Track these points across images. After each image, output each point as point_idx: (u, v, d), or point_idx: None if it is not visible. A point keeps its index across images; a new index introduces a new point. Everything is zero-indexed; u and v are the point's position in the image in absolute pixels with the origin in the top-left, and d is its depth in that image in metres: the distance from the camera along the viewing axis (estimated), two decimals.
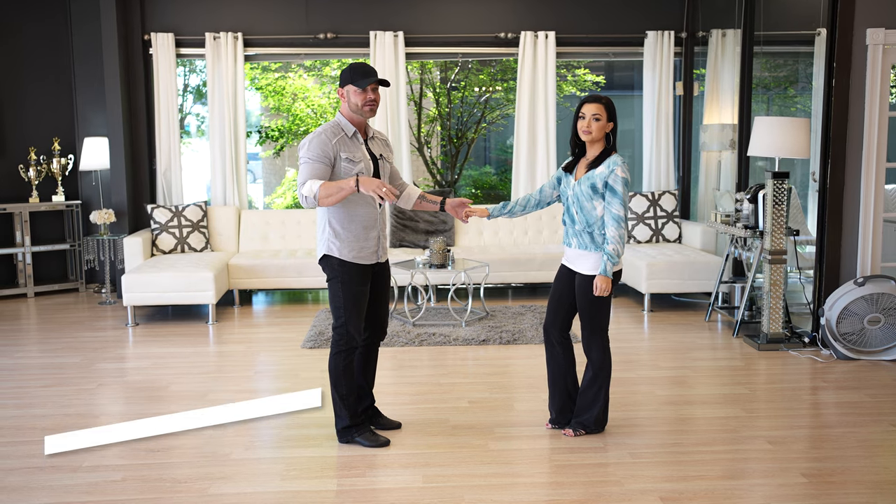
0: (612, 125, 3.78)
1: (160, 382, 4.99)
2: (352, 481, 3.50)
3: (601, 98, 3.79)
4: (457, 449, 3.86)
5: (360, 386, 3.98)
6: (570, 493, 3.37)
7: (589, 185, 3.74)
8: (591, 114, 3.75)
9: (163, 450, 3.87)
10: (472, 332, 5.94)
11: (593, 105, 3.75)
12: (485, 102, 9.71)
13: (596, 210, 3.73)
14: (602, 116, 3.74)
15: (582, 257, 3.83)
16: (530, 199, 4.03)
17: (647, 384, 4.93)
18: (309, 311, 6.98)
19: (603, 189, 3.71)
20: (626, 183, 3.71)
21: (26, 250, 7.55)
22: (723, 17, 7.58)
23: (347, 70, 3.72)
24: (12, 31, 7.62)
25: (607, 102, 3.77)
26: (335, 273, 3.76)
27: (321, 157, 3.61)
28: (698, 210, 7.95)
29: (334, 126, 3.71)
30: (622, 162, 3.75)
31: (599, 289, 3.74)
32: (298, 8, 7.59)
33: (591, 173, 3.75)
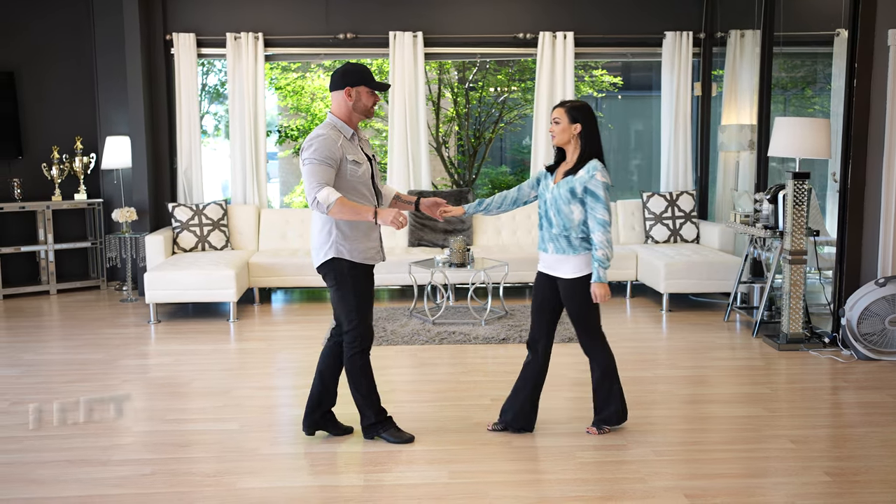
0: (578, 128, 3.76)
1: (183, 379, 5.05)
2: (378, 476, 3.54)
3: (564, 102, 3.83)
4: (480, 446, 3.90)
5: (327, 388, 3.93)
6: (595, 490, 3.40)
7: (567, 190, 3.73)
8: (552, 118, 3.80)
9: (190, 444, 3.93)
10: (492, 331, 5.97)
11: (554, 110, 3.80)
12: (502, 102, 9.74)
13: (573, 214, 3.73)
14: (561, 120, 3.76)
15: (561, 262, 3.82)
16: (507, 197, 4.02)
17: (667, 383, 4.94)
18: (327, 310, 7.02)
19: (582, 194, 3.70)
20: (606, 187, 3.70)
21: (49, 248, 7.63)
22: (742, 18, 7.57)
23: (355, 71, 3.65)
24: (35, 32, 7.71)
25: (570, 106, 3.78)
26: (344, 276, 3.70)
27: (328, 159, 3.55)
28: (716, 210, 7.95)
29: (334, 128, 3.65)
30: (602, 167, 3.73)
31: (598, 297, 3.76)
32: (318, 8, 7.65)
33: (570, 178, 3.75)
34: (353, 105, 3.65)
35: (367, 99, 3.67)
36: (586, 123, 3.76)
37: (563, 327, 6.09)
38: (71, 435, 4.03)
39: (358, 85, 3.64)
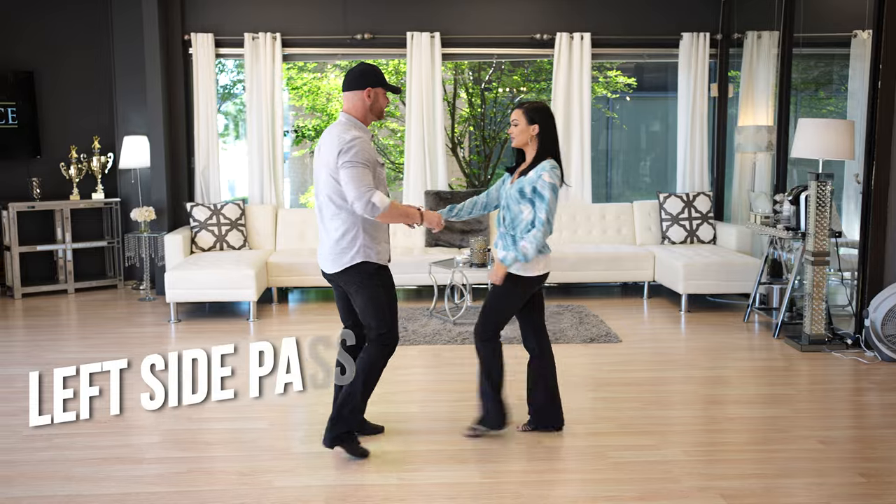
0: (536, 129, 3.77)
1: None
2: (411, 476, 3.56)
3: (522, 103, 3.86)
4: (511, 445, 3.91)
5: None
6: (629, 490, 3.41)
7: (517, 190, 3.76)
8: (511, 120, 3.84)
9: (221, 443, 3.94)
10: (512, 332, 5.95)
11: (513, 111, 3.85)
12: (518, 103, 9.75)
13: (522, 214, 3.75)
14: (519, 122, 3.79)
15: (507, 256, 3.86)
16: (477, 202, 4.02)
17: (692, 383, 4.95)
18: None
19: (531, 194, 3.72)
20: (553, 188, 3.69)
21: (67, 247, 7.65)
22: (759, 19, 7.58)
23: (373, 72, 3.63)
24: (54, 32, 7.73)
25: (528, 108, 3.80)
26: (372, 279, 3.64)
27: (368, 162, 3.50)
28: (732, 211, 7.96)
29: (361, 129, 3.58)
30: (550, 167, 3.72)
31: (493, 274, 3.78)
32: (336, 9, 7.66)
33: (522, 178, 3.78)
34: (370, 106, 3.61)
35: (382, 100, 3.66)
36: (544, 124, 3.78)
37: (584, 328, 6.10)
38: (100, 433, 4.04)
39: (377, 86, 3.62)
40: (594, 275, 7.22)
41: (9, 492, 3.42)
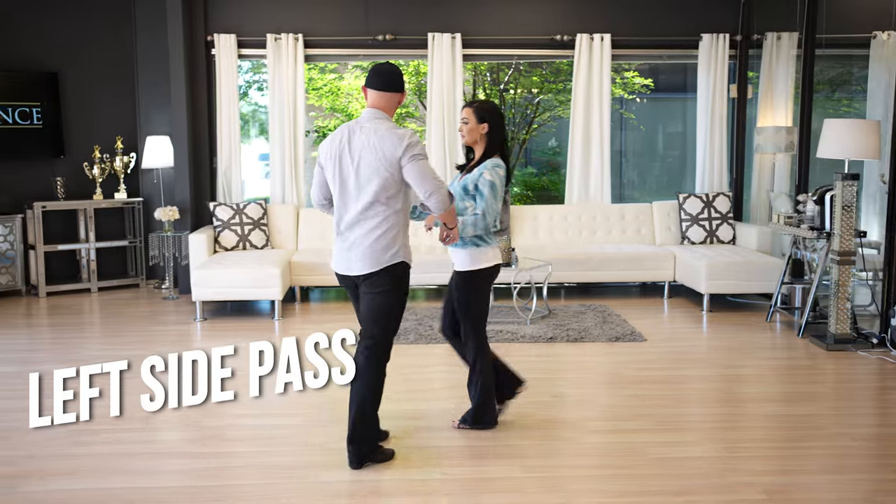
0: (485, 127, 3.85)
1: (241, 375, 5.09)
2: (455, 471, 3.59)
3: (473, 102, 3.93)
4: (549, 441, 3.95)
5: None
6: (673, 485, 3.44)
7: (462, 186, 3.86)
8: (461, 118, 3.90)
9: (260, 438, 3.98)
10: (538, 330, 6.02)
11: (463, 109, 3.91)
12: (536, 104, 9.79)
13: (467, 210, 3.84)
14: (470, 120, 3.87)
15: (454, 254, 3.92)
16: None
17: (722, 381, 5.00)
18: None
19: (473, 191, 3.82)
20: (492, 186, 3.77)
21: (91, 246, 7.70)
22: (779, 20, 7.62)
23: (402, 76, 3.62)
24: (78, 33, 7.78)
25: (478, 107, 3.87)
26: (402, 280, 3.58)
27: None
28: (751, 212, 7.99)
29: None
30: (493, 166, 3.82)
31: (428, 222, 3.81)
32: (358, 10, 7.71)
33: (468, 175, 3.88)
34: (393, 109, 3.60)
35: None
36: (493, 123, 3.87)
37: (608, 327, 6.14)
38: (149, 428, 4.09)
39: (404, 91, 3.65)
40: (615, 275, 7.26)
41: (74, 484, 3.47)
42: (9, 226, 7.44)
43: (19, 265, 7.51)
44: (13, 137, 7.50)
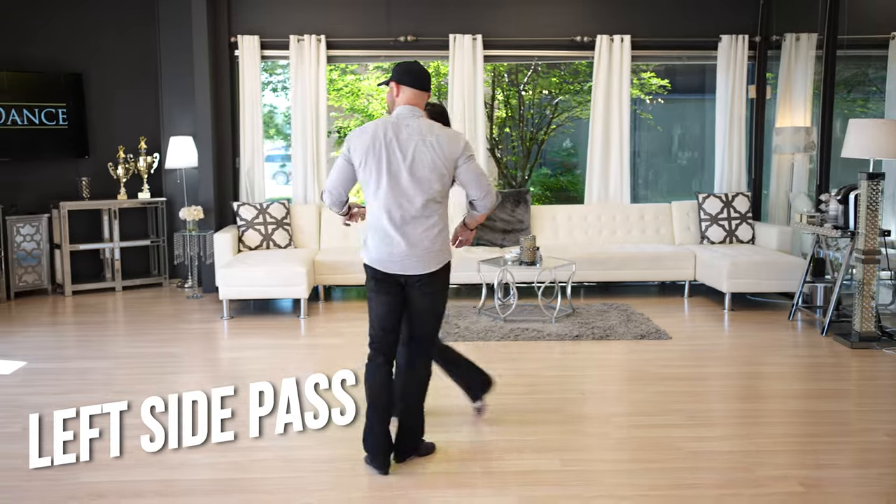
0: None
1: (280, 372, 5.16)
2: (496, 464, 3.65)
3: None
4: (582, 436, 4.01)
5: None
6: (708, 478, 3.50)
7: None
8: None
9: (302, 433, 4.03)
10: (563, 328, 6.07)
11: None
12: (555, 105, 9.84)
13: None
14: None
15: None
16: None
17: (749, 378, 5.05)
18: None
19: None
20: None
21: (115, 245, 7.78)
22: (798, 21, 7.67)
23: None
24: (102, 34, 7.87)
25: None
26: (448, 280, 3.63)
27: None
28: (769, 212, 8.03)
29: None
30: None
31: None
32: (380, 11, 7.78)
33: None
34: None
35: None
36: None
37: (632, 325, 6.19)
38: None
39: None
40: (636, 274, 7.31)
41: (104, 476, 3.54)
42: (35, 225, 7.52)
43: (45, 264, 7.60)
44: (39, 138, 7.59)
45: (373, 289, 3.56)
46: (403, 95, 3.51)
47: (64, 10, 7.74)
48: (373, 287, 3.56)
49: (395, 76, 3.52)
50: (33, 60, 7.63)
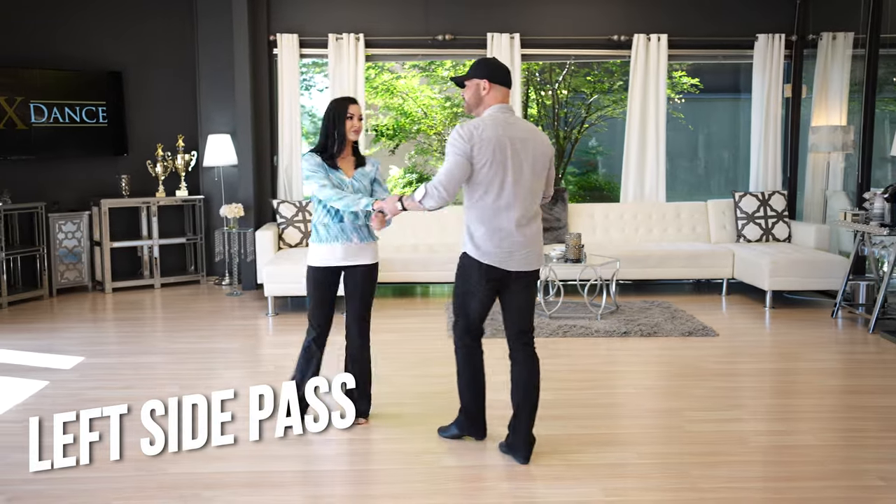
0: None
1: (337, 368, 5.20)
2: (574, 456, 3.68)
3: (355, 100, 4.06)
4: (653, 430, 4.04)
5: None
6: (785, 471, 3.54)
7: (369, 181, 4.00)
8: (358, 114, 3.97)
9: (397, 425, 4.07)
10: (610, 325, 6.11)
11: (354, 106, 3.97)
12: (588, 105, 9.89)
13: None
14: (362, 116, 4.04)
15: (364, 250, 3.98)
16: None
17: (805, 374, 5.09)
18: (435, 304, 7.19)
19: (374, 184, 4.04)
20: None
21: (154, 243, 7.82)
22: (835, 20, 7.70)
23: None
24: (141, 33, 7.90)
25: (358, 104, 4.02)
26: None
27: None
28: (804, 210, 8.06)
29: None
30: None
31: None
32: (418, 9, 7.82)
33: (364, 170, 4.01)
34: None
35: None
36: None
37: (678, 322, 6.22)
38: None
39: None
40: (674, 272, 7.35)
41: (173, 468, 3.57)
42: (76, 223, 7.57)
43: (86, 261, 7.64)
44: (80, 136, 7.63)
45: (476, 283, 3.55)
46: (496, 93, 3.51)
47: (104, 9, 7.79)
48: (476, 281, 3.54)
49: (485, 73, 3.50)
50: (74, 59, 7.67)
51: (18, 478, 3.42)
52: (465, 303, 3.63)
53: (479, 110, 3.55)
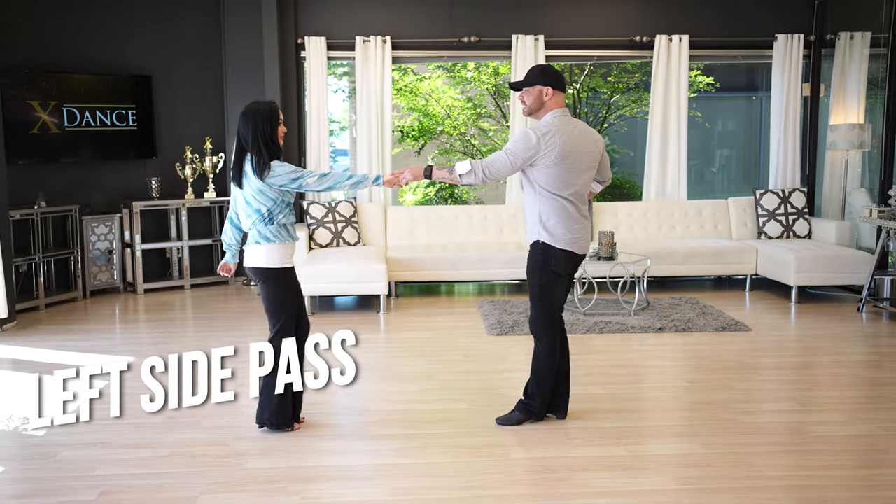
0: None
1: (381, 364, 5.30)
2: (638, 448, 3.80)
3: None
4: (711, 421, 4.15)
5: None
6: (845, 460, 3.67)
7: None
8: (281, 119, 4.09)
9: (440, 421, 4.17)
10: (644, 321, 6.23)
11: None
12: (608, 105, 10.01)
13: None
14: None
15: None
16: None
17: (845, 367, 5.21)
18: (465, 302, 7.30)
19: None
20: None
21: (184, 244, 7.89)
22: (853, 20, 7.85)
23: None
24: (170, 36, 7.96)
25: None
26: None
27: None
28: (823, 207, 8.21)
29: None
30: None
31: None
32: (443, 12, 7.92)
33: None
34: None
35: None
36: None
37: (709, 318, 6.34)
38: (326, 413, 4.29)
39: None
40: (698, 268, 7.47)
41: (265, 463, 3.67)
42: (108, 225, 7.63)
43: (118, 263, 7.70)
44: (110, 139, 7.70)
45: (559, 271, 3.91)
46: (557, 98, 3.91)
47: (133, 13, 7.84)
48: (560, 270, 3.91)
49: (548, 80, 3.87)
50: (106, 63, 7.73)
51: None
52: (545, 295, 3.94)
53: (540, 114, 3.91)
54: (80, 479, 3.52)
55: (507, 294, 7.59)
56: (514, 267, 7.22)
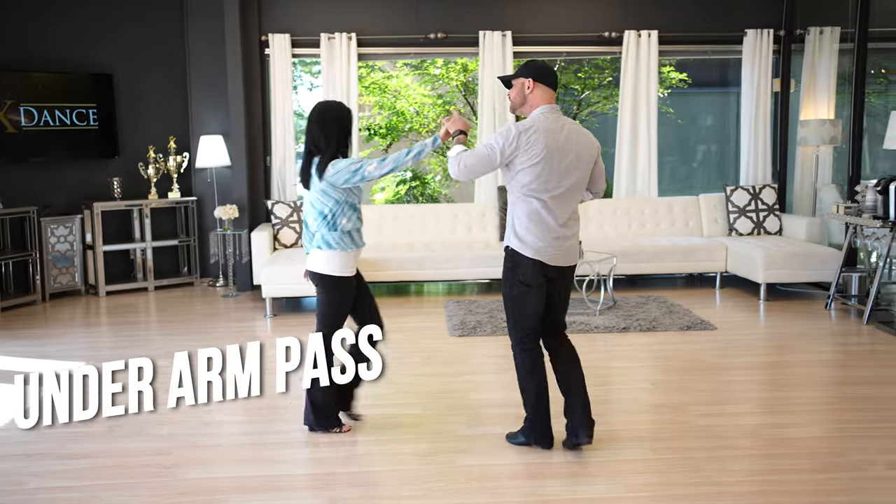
0: None
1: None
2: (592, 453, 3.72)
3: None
4: (666, 425, 4.08)
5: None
6: (799, 463, 3.60)
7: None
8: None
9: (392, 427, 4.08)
10: (609, 321, 6.16)
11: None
12: (579, 101, 9.93)
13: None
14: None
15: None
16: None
17: (808, 366, 5.17)
18: (433, 302, 7.21)
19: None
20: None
21: (147, 245, 7.76)
22: (822, 15, 7.80)
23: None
24: (132, 34, 7.81)
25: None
26: None
27: None
28: (794, 203, 8.16)
29: None
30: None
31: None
32: (410, 8, 7.81)
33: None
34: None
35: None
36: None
37: (675, 317, 6.28)
38: (272, 419, 4.19)
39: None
40: (668, 266, 7.40)
41: (212, 472, 3.56)
42: (68, 226, 7.49)
43: (79, 265, 7.57)
44: (70, 139, 7.55)
45: (528, 283, 3.57)
46: (541, 93, 3.60)
47: (93, 11, 7.70)
48: (529, 281, 3.57)
49: (532, 73, 3.59)
50: (63, 61, 7.58)
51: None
52: (515, 309, 3.64)
53: (524, 109, 3.65)
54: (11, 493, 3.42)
55: (475, 294, 7.51)
56: (481, 266, 7.15)
